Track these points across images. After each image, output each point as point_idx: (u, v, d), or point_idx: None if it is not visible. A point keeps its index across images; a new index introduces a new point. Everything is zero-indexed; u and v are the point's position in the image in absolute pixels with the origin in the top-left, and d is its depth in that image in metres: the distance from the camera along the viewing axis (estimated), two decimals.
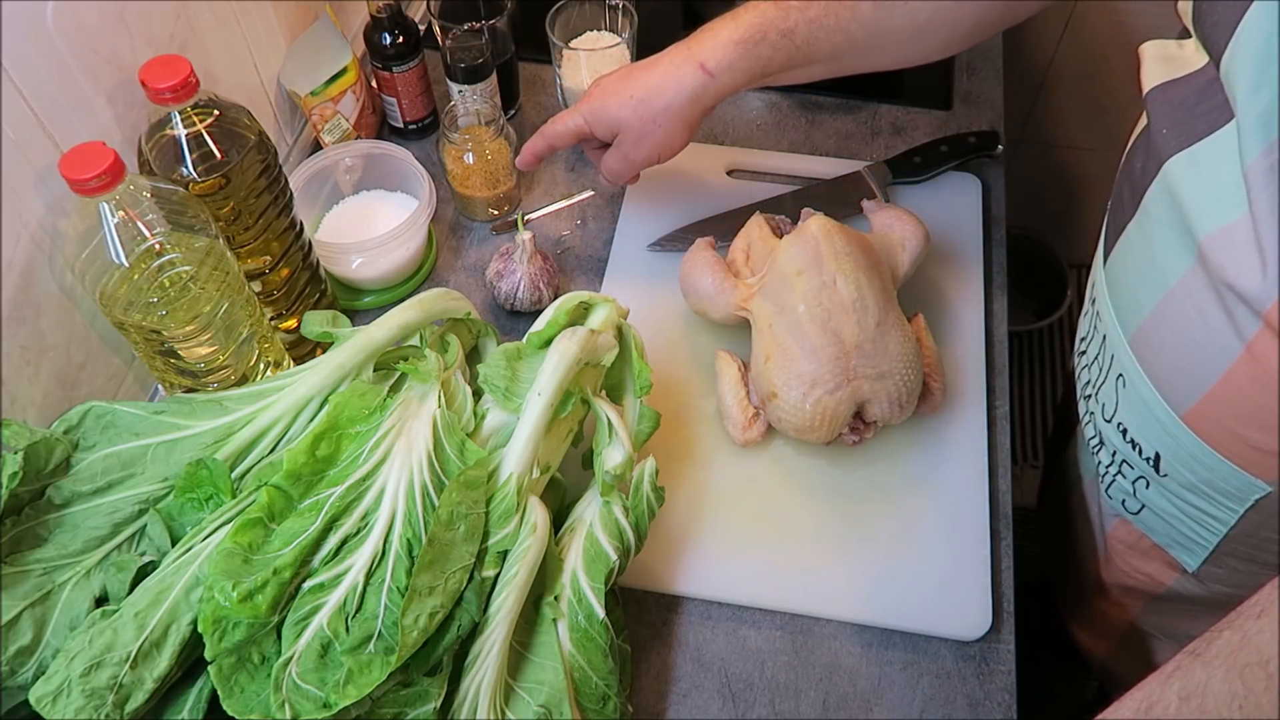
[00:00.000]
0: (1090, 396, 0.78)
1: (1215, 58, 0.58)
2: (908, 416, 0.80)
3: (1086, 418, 0.79)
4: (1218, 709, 0.48)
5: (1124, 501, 0.77)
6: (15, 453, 0.59)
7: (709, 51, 0.80)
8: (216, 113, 0.71)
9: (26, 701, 0.56)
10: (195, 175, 0.71)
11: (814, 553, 0.78)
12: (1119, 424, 0.73)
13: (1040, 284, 1.80)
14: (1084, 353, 0.79)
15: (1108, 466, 0.77)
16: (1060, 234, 1.79)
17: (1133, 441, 0.72)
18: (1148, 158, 0.65)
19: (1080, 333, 0.81)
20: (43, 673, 0.56)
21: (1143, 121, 0.69)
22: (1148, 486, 0.73)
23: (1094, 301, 0.76)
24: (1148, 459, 0.71)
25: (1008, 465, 0.84)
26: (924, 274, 0.92)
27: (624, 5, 0.99)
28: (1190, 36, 0.64)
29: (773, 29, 0.78)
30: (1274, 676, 0.47)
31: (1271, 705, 0.47)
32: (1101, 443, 0.77)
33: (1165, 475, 0.70)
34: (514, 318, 0.93)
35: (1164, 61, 0.66)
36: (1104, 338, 0.73)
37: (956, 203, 0.99)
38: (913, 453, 0.83)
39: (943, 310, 0.91)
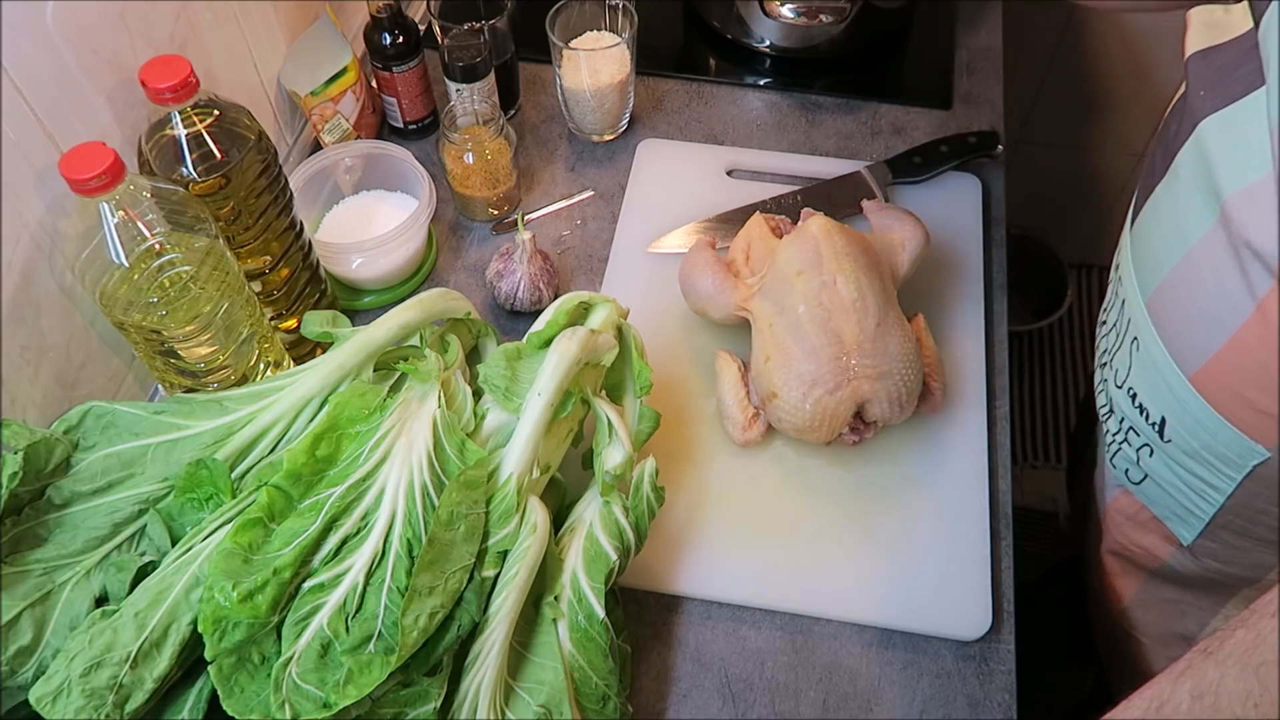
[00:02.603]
0: (1105, 364, 0.78)
1: (1257, 20, 0.58)
2: (908, 416, 0.80)
3: (1100, 385, 0.80)
4: (1231, 708, 0.48)
5: (1127, 471, 0.78)
6: (15, 453, 0.59)
7: None
8: (216, 113, 0.71)
9: (26, 701, 0.56)
10: (195, 175, 0.71)
11: (814, 553, 0.78)
12: (1129, 389, 0.73)
13: (1040, 284, 1.80)
14: (1104, 321, 0.80)
15: (1115, 434, 0.78)
16: (1060, 234, 1.79)
17: (1141, 406, 0.72)
18: (1182, 120, 0.66)
19: (1105, 302, 0.82)
20: (43, 673, 0.56)
21: (1182, 89, 0.70)
22: (1151, 454, 0.74)
23: (1117, 267, 0.77)
24: (1154, 424, 0.71)
25: (1008, 465, 0.84)
26: (924, 274, 0.92)
27: (624, 5, 0.99)
28: (1240, 1, 0.65)
29: None
30: None
31: None
32: (1111, 410, 0.78)
33: (1169, 441, 0.70)
34: (514, 318, 0.93)
35: (1208, 28, 0.67)
36: (1124, 302, 0.74)
37: (956, 203, 0.99)
38: (913, 453, 0.83)
39: (943, 310, 0.91)
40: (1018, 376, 1.80)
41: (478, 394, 0.71)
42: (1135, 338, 0.72)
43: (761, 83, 1.12)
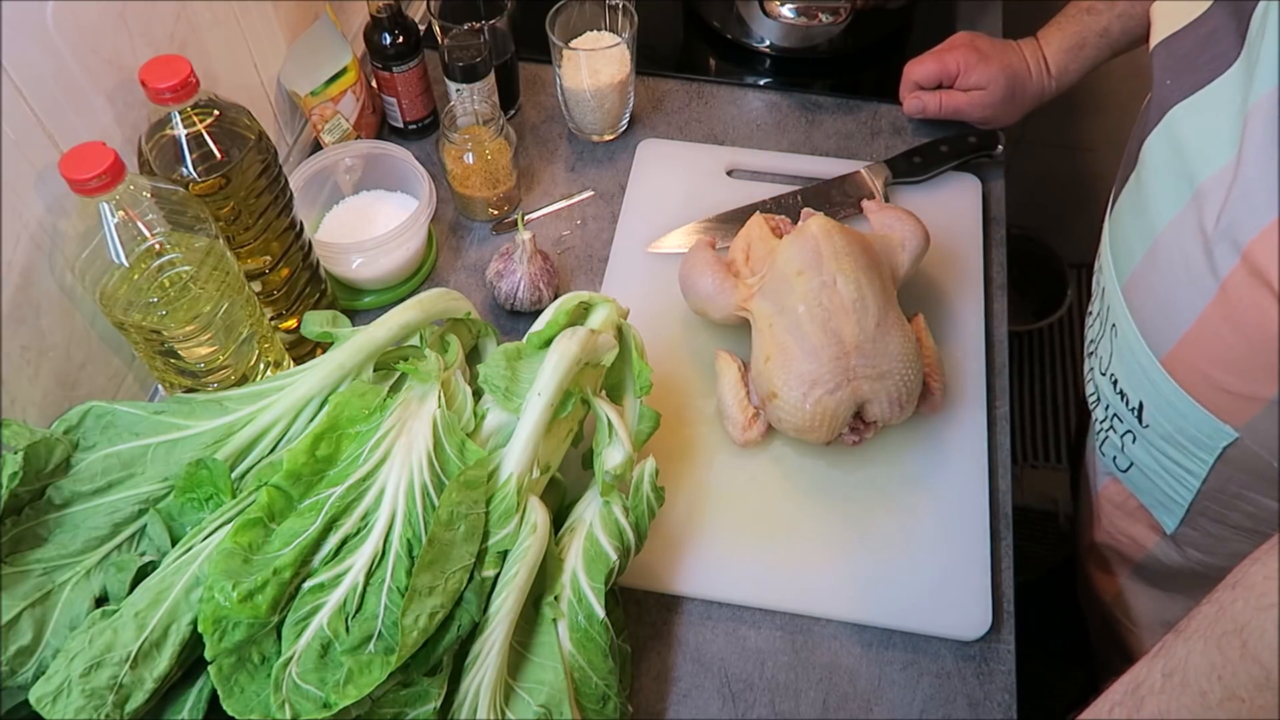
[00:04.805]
0: (1092, 353, 0.80)
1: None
2: (908, 416, 0.80)
3: (1088, 374, 0.81)
4: (1198, 681, 0.49)
5: (1115, 459, 0.79)
6: (15, 453, 0.59)
7: (1052, 58, 0.97)
8: (216, 113, 0.71)
9: (26, 701, 0.56)
10: (195, 175, 0.71)
11: (814, 553, 0.78)
12: (1111, 375, 0.75)
13: (1040, 284, 1.80)
14: (1091, 311, 0.82)
15: (1101, 422, 0.79)
16: (1060, 234, 1.79)
17: (1121, 392, 0.73)
18: (1149, 110, 0.68)
19: (1093, 293, 0.83)
20: (43, 673, 0.56)
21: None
22: (1134, 440, 0.75)
23: (1099, 258, 0.78)
24: (1133, 409, 0.72)
25: (1008, 465, 0.84)
26: (924, 274, 0.92)
27: (624, 5, 0.99)
28: None
29: (1090, 34, 0.94)
30: (1247, 644, 0.47)
31: (1248, 673, 0.47)
32: (1099, 398, 0.79)
33: (1147, 426, 0.72)
34: (514, 318, 0.93)
35: (1169, 17, 0.69)
36: (1104, 290, 0.76)
37: (956, 203, 0.99)
38: (913, 453, 0.83)
39: (943, 310, 0.91)
40: (1018, 376, 1.79)
41: (478, 394, 0.71)
42: (1114, 324, 0.73)
43: (761, 83, 1.12)
